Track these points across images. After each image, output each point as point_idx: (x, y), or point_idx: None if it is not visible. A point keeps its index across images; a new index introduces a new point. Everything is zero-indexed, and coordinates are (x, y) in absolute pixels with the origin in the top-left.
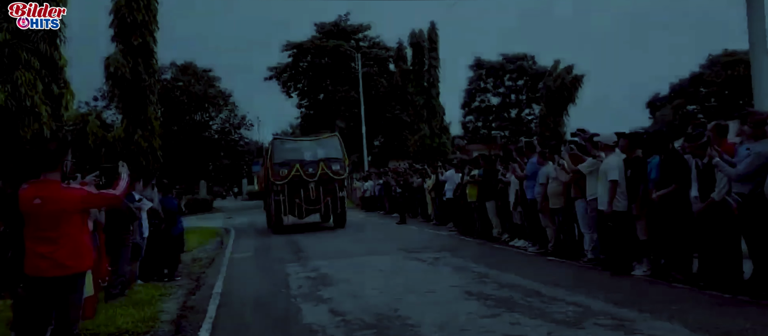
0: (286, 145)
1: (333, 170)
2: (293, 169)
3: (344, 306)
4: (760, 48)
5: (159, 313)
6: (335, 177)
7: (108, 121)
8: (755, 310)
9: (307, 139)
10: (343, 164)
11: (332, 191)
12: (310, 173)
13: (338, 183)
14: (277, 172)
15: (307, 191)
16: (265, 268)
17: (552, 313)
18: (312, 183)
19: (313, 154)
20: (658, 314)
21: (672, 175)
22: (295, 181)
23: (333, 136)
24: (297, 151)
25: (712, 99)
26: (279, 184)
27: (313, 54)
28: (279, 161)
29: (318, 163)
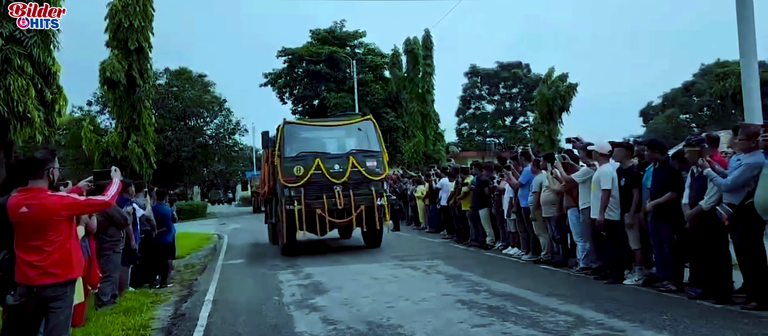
0: (302, 132)
1: (368, 168)
2: (313, 166)
3: (336, 314)
4: (750, 60)
5: (150, 320)
6: (371, 178)
7: (102, 125)
8: (744, 320)
9: (331, 121)
10: (382, 159)
11: (367, 198)
12: (337, 172)
13: (376, 186)
14: (290, 171)
15: (333, 197)
16: (257, 275)
17: (544, 322)
18: (339, 186)
19: (340, 145)
20: (649, 324)
21: (667, 184)
22: (316, 183)
23: (366, 119)
24: (318, 141)
25: (704, 109)
26: (292, 188)
27: (308, 60)
28: (292, 155)
29: (347, 157)
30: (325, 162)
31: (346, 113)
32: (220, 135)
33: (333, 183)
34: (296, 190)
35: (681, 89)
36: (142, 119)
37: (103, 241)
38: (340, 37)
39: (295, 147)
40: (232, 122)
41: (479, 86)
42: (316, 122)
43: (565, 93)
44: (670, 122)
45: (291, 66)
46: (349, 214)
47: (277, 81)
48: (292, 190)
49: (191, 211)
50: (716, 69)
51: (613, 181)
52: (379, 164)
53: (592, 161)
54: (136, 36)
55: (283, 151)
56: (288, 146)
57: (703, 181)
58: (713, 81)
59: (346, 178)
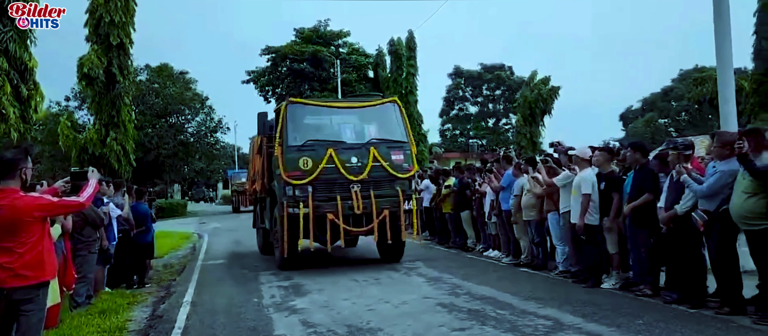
0: (310, 114)
1: (393, 163)
2: (324, 159)
3: (316, 317)
4: (726, 67)
5: (126, 322)
6: (397, 175)
7: (80, 121)
8: (717, 325)
9: (347, 102)
10: (411, 152)
11: (392, 200)
12: (354, 167)
13: (402, 186)
14: (295, 164)
15: (349, 199)
16: (237, 276)
17: (522, 326)
18: (356, 184)
19: (359, 133)
20: (625, 329)
21: (644, 187)
22: (328, 180)
23: (390, 100)
24: (330, 127)
25: (682, 113)
26: (297, 186)
27: (291, 59)
28: (298, 144)
29: (367, 148)
30: (339, 153)
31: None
32: (202, 133)
33: (349, 180)
34: (302, 189)
35: (660, 94)
36: (122, 116)
37: (79, 242)
38: (325, 36)
39: (301, 133)
40: (213, 120)
41: (463, 87)
42: (328, 103)
43: (548, 96)
44: (649, 126)
45: (274, 64)
46: (370, 220)
47: (259, 79)
48: (296, 189)
49: (171, 209)
50: (694, 74)
51: (593, 186)
52: (406, 158)
53: (573, 166)
54: (117, 32)
55: (285, 138)
56: (292, 132)
57: (681, 186)
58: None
59: (365, 174)
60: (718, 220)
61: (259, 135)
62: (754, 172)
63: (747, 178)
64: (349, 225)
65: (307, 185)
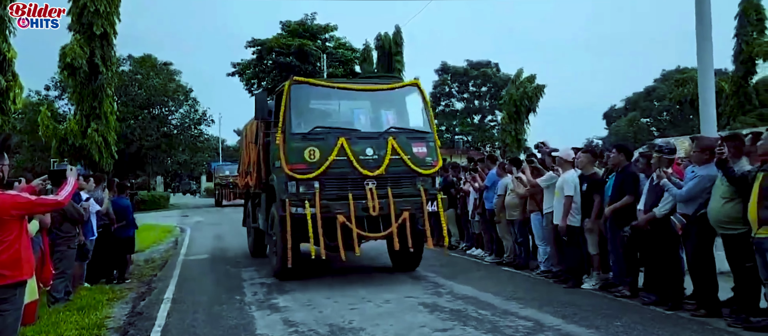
0: (318, 97)
1: (415, 156)
2: (334, 150)
3: (298, 316)
4: (707, 70)
5: (105, 319)
6: (420, 171)
7: (60, 111)
8: (693, 326)
9: (360, 83)
10: (435, 145)
11: (413, 201)
12: (370, 160)
13: (425, 184)
14: (299, 154)
15: (363, 198)
16: (219, 272)
17: (503, 327)
18: (372, 180)
19: (375, 120)
20: (604, 330)
21: (625, 189)
22: (338, 174)
23: (411, 84)
24: (341, 113)
25: (664, 113)
26: (302, 181)
27: (277, 52)
28: (303, 131)
29: (385, 138)
30: (352, 143)
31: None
32: (186, 125)
33: (363, 176)
34: (307, 185)
35: (643, 93)
36: (104, 108)
37: (57, 237)
38: (311, 29)
39: (307, 119)
40: (197, 112)
41: (449, 84)
42: (339, 84)
43: (533, 94)
44: (631, 125)
45: (260, 57)
46: (387, 224)
47: (245, 71)
48: (300, 185)
49: (153, 201)
50: (676, 75)
51: (575, 188)
52: (430, 151)
53: (556, 167)
54: (101, 22)
55: (288, 124)
56: (297, 118)
57: (661, 190)
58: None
59: (382, 169)
60: (695, 224)
61: (257, 119)
62: (732, 178)
63: (725, 183)
64: (362, 229)
65: (314, 180)
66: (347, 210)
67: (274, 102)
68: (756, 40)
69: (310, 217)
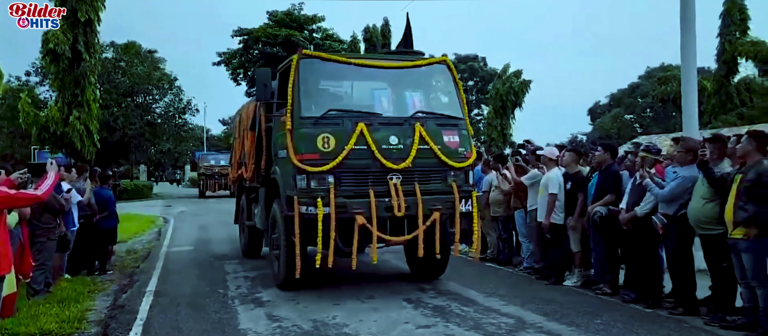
0: (332, 74)
1: (447, 146)
2: (353, 137)
3: (282, 310)
4: (690, 68)
5: (86, 312)
6: (452, 164)
7: (41, 97)
8: (670, 325)
9: (379, 60)
10: (467, 133)
11: (445, 200)
12: (394, 150)
13: (457, 179)
14: (311, 142)
15: (387, 196)
16: (203, 264)
17: (486, 324)
18: (396, 174)
19: (399, 103)
20: (585, 328)
21: (608, 187)
22: (357, 167)
23: (440, 60)
24: (359, 93)
25: (647, 110)
26: (313, 175)
27: (264, 42)
28: (315, 114)
29: (411, 125)
30: (373, 130)
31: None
32: (170, 114)
33: (387, 169)
34: (320, 179)
35: (627, 90)
36: (86, 95)
37: (37, 228)
38: (298, 20)
39: (319, 100)
40: (182, 101)
41: None
42: (356, 59)
43: (519, 89)
44: (615, 122)
45: (246, 47)
46: (413, 226)
47: (231, 61)
48: (312, 179)
49: (136, 191)
50: (660, 72)
51: (559, 186)
52: (463, 141)
53: (541, 165)
54: (85, 8)
55: (297, 106)
56: (306, 98)
57: (643, 189)
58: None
59: (409, 161)
60: (676, 223)
61: (260, 100)
62: (711, 179)
63: (705, 184)
64: (384, 231)
65: (328, 174)
66: (368, 210)
67: (278, 81)
68: (739, 40)
69: (322, 217)
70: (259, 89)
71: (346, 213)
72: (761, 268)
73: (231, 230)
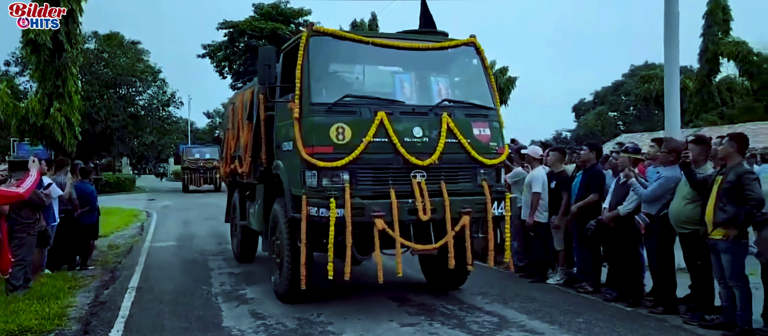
0: (344, 56)
1: (477, 140)
2: (372, 128)
3: (266, 308)
4: (673, 65)
5: (67, 308)
6: (483, 160)
7: (21, 87)
8: (650, 324)
9: (400, 40)
10: (499, 126)
11: (476, 201)
12: (418, 143)
13: (488, 178)
14: (323, 133)
15: (409, 195)
16: (187, 260)
17: (469, 323)
18: (420, 172)
19: (423, 89)
20: (567, 327)
21: (591, 187)
22: (376, 162)
23: (467, 42)
24: (378, 78)
25: (631, 107)
26: (326, 171)
27: (249, 35)
28: (328, 100)
29: (437, 115)
30: (394, 120)
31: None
32: (154, 106)
33: (410, 165)
34: (333, 176)
35: (611, 88)
36: (68, 87)
37: (16, 223)
38: (284, 13)
39: (332, 85)
40: (166, 94)
41: None
42: (374, 39)
43: (505, 86)
44: (599, 119)
45: (231, 39)
46: (442, 231)
47: (216, 54)
48: (324, 176)
49: (118, 184)
50: (643, 70)
51: (543, 185)
52: (495, 134)
53: (525, 164)
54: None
55: (306, 90)
56: (317, 82)
57: (625, 189)
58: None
59: (435, 157)
60: (658, 223)
61: (263, 85)
62: (693, 181)
63: (688, 185)
64: (407, 237)
65: (343, 170)
66: (389, 212)
67: (281, 64)
68: (721, 40)
69: (335, 221)
70: (261, 71)
71: (363, 216)
72: (739, 268)
73: (215, 225)
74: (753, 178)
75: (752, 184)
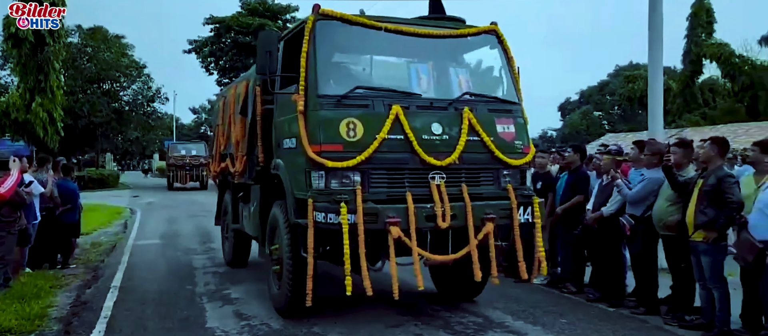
0: (355, 43)
1: (501, 139)
2: (386, 124)
3: (251, 308)
4: (657, 65)
5: (48, 308)
6: (508, 161)
7: (2, 82)
8: (632, 324)
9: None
10: (524, 122)
11: (501, 206)
12: (437, 141)
13: (513, 180)
14: (330, 130)
15: (429, 201)
16: (171, 258)
17: (454, 323)
18: (439, 173)
19: (441, 80)
20: (550, 328)
21: (576, 188)
22: (390, 162)
23: (488, 30)
24: (392, 69)
25: (615, 107)
26: (336, 172)
27: (236, 31)
28: (336, 92)
29: (458, 109)
30: (411, 116)
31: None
32: (138, 101)
33: (428, 166)
34: (343, 177)
35: (596, 87)
36: (50, 82)
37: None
38: (272, 9)
39: (341, 75)
40: (151, 89)
41: None
42: (387, 23)
43: None
44: (584, 118)
45: (218, 35)
46: (458, 239)
47: (202, 49)
48: (333, 177)
49: (102, 180)
50: (628, 71)
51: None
52: (519, 131)
53: None
54: None
55: (312, 81)
56: (325, 72)
57: (609, 190)
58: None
59: (455, 156)
60: (643, 224)
61: (264, 74)
62: (674, 184)
63: (670, 187)
64: (425, 247)
65: (354, 170)
66: (405, 218)
67: (282, 52)
68: (705, 42)
69: (348, 228)
70: (261, 59)
71: (376, 223)
72: (718, 270)
73: (200, 223)
74: (733, 181)
75: (732, 188)
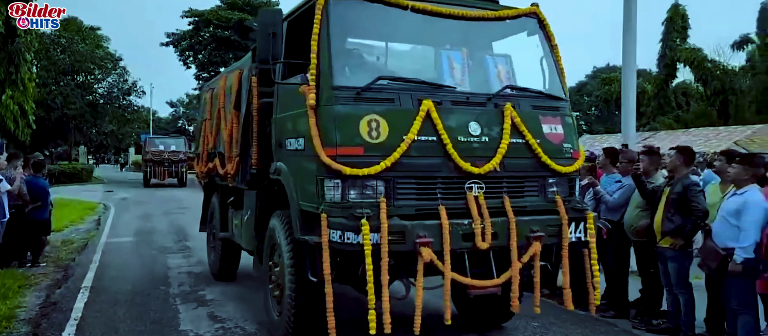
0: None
1: (548, 141)
2: (416, 122)
3: (226, 310)
4: (630, 68)
5: (16, 309)
6: (556, 168)
7: None
8: (602, 328)
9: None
10: (573, 121)
11: (549, 222)
12: (474, 144)
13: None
14: (348, 129)
15: (463, 213)
16: (144, 257)
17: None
18: (477, 183)
19: (478, 71)
20: (522, 331)
21: None
22: (421, 169)
23: (529, 12)
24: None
25: (592, 108)
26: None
27: (215, 25)
28: (355, 84)
29: (498, 104)
30: (444, 113)
31: None
32: (114, 94)
33: (466, 173)
34: (363, 187)
35: (574, 88)
36: (21, 73)
37: None
38: (252, 3)
39: (359, 64)
40: (127, 82)
41: None
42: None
43: None
44: None
45: (197, 28)
46: (504, 263)
47: (180, 43)
48: (351, 186)
49: (74, 174)
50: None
51: None
52: (568, 132)
53: None
54: None
55: (325, 70)
56: (340, 60)
57: (583, 195)
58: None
59: (496, 161)
60: (618, 229)
61: (262, 62)
62: (644, 192)
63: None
64: (463, 272)
65: (377, 179)
66: (439, 237)
67: (284, 36)
68: (679, 46)
69: (371, 248)
70: (261, 42)
71: (404, 244)
72: (684, 276)
73: (176, 220)
74: (699, 190)
75: (698, 196)
